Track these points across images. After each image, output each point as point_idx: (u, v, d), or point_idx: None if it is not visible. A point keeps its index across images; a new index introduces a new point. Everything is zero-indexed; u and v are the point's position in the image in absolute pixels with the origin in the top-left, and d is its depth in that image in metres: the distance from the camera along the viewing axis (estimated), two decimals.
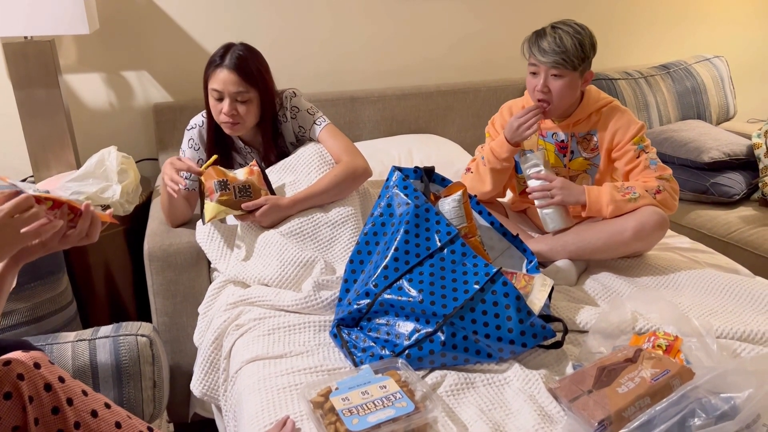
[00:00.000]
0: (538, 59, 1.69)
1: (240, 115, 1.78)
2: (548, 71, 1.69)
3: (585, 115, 1.80)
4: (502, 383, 1.31)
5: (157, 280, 1.85)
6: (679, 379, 1.17)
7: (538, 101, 1.74)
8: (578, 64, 1.68)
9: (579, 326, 1.49)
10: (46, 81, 2.11)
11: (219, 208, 1.68)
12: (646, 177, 1.74)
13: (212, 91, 1.77)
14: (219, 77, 1.75)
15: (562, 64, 1.66)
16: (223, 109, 1.77)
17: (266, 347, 1.43)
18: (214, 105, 1.79)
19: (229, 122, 1.79)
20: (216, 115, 1.81)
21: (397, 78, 2.73)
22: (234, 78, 1.74)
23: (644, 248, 1.78)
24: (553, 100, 1.72)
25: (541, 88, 1.71)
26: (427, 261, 1.44)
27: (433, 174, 1.69)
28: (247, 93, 1.76)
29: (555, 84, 1.70)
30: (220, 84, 1.75)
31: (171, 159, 1.78)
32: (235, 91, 1.75)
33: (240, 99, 1.76)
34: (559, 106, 1.74)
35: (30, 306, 1.79)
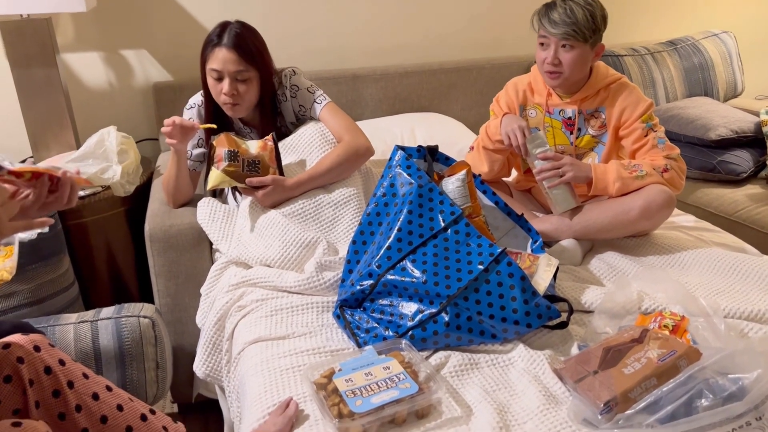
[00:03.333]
0: (549, 31, 1.66)
1: (240, 95, 1.75)
2: (558, 43, 1.66)
3: (593, 91, 1.76)
4: (507, 364, 1.30)
5: (159, 261, 1.84)
6: (686, 359, 1.15)
7: (547, 73, 1.71)
8: (589, 35, 1.65)
9: (584, 306, 1.48)
10: (43, 60, 2.08)
11: (223, 178, 1.66)
12: (653, 156, 1.71)
13: (211, 71, 1.74)
14: (218, 57, 1.72)
15: (573, 36, 1.63)
16: (223, 89, 1.74)
17: (269, 328, 1.42)
18: (214, 85, 1.76)
19: (230, 103, 1.76)
20: (216, 95, 1.78)
21: (400, 55, 2.69)
22: (233, 57, 1.71)
23: (651, 227, 1.75)
24: (564, 71, 1.69)
25: (551, 60, 1.68)
26: (430, 241, 1.42)
27: (437, 153, 1.66)
28: (246, 72, 1.73)
29: (566, 56, 1.67)
30: (219, 63, 1.72)
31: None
32: (235, 70, 1.72)
33: (240, 78, 1.73)
34: (569, 78, 1.71)
35: (31, 287, 1.79)
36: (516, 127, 1.72)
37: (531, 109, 1.86)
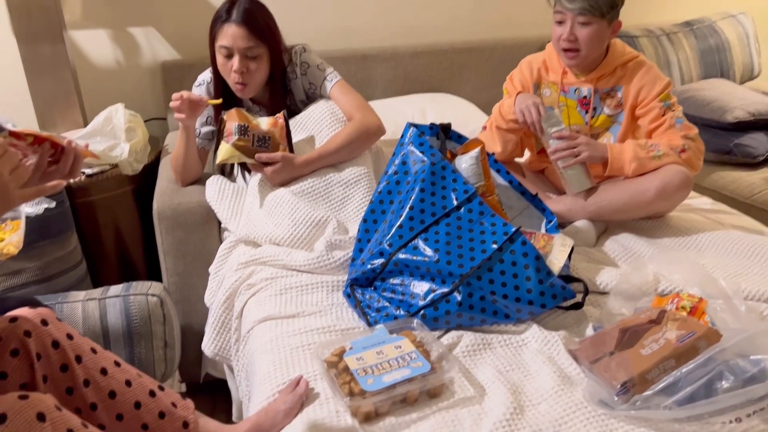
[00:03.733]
0: (565, 6, 1.62)
1: (250, 72, 1.72)
2: (575, 19, 1.62)
3: (610, 69, 1.72)
4: (520, 344, 1.28)
5: (167, 240, 1.82)
6: (705, 341, 1.12)
7: (563, 51, 1.67)
8: (606, 11, 1.60)
9: (599, 288, 1.45)
10: (51, 36, 2.05)
11: (233, 152, 1.64)
12: (670, 136, 1.67)
13: (220, 48, 1.71)
14: (227, 33, 1.69)
15: (590, 11, 1.59)
16: (233, 66, 1.71)
17: (278, 307, 1.41)
18: (223, 63, 1.73)
19: (240, 82, 1.72)
20: (226, 74, 1.75)
21: (411, 35, 2.64)
22: (243, 33, 1.68)
23: (667, 209, 1.72)
24: (580, 48, 1.65)
25: (567, 37, 1.64)
26: (443, 220, 1.39)
27: (450, 131, 1.63)
28: (256, 48, 1.70)
29: (582, 32, 1.63)
30: (229, 40, 1.68)
31: None
32: (245, 47, 1.69)
33: (250, 55, 1.70)
34: (586, 56, 1.67)
35: (40, 265, 1.77)
36: (531, 103, 1.69)
37: (545, 88, 1.82)
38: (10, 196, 0.87)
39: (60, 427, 0.82)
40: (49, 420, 0.81)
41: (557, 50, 1.72)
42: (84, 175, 1.96)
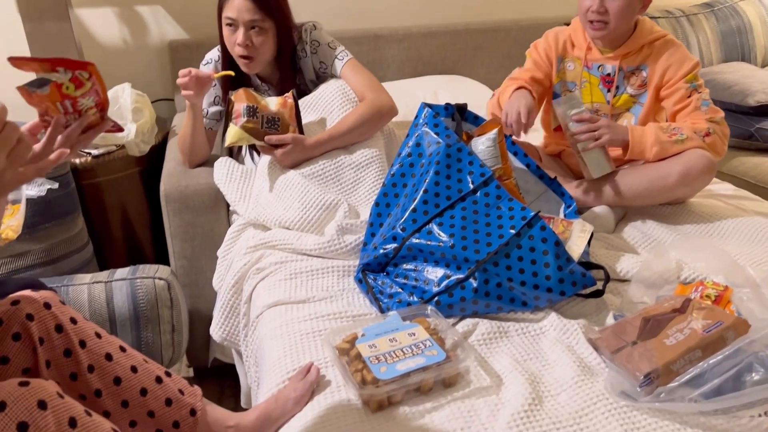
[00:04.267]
0: None
1: (255, 47, 1.67)
2: None
3: (637, 47, 1.66)
4: (538, 333, 1.23)
5: (175, 222, 1.79)
6: (733, 331, 1.08)
7: (590, 23, 1.61)
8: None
9: (619, 275, 1.40)
10: (56, 14, 2.01)
11: (242, 135, 1.59)
12: (695, 118, 1.61)
13: (226, 19, 1.66)
14: (233, 4, 1.64)
15: None
16: (237, 39, 1.66)
17: (288, 292, 1.37)
18: (228, 36, 1.68)
19: (244, 56, 1.68)
20: (231, 47, 1.70)
21: (424, 15, 2.58)
22: (249, 5, 1.63)
23: (688, 194, 1.67)
24: (609, 21, 1.59)
25: (597, 8, 1.58)
26: (458, 204, 1.35)
27: (466, 111, 1.58)
28: (263, 22, 1.65)
29: (612, 4, 1.57)
30: (235, 11, 1.64)
31: None
32: (250, 19, 1.64)
33: (255, 29, 1.65)
34: (614, 30, 1.61)
35: (46, 247, 1.75)
36: (522, 103, 1.59)
37: (569, 62, 1.76)
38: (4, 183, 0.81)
39: (62, 415, 0.79)
40: (50, 407, 0.78)
41: (583, 23, 1.66)
42: (90, 155, 1.93)
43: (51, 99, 0.92)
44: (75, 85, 0.93)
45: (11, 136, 0.80)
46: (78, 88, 0.93)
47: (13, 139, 0.81)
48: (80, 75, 0.93)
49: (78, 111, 0.95)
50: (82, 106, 0.95)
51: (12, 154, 0.81)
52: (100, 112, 0.98)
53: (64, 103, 0.94)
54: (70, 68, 0.91)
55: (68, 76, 0.91)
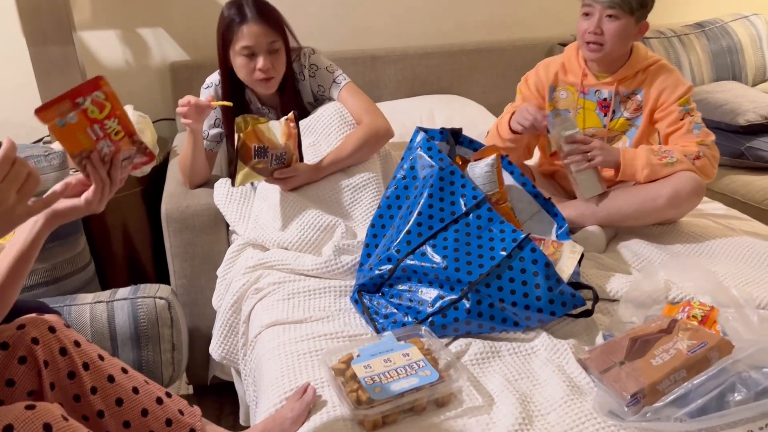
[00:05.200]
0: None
1: (275, 68, 1.71)
2: (603, 12, 1.62)
3: (632, 72, 1.71)
4: (529, 353, 1.27)
5: (175, 242, 1.82)
6: (717, 351, 1.11)
7: (587, 44, 1.66)
8: (636, 7, 1.60)
9: (609, 295, 1.44)
10: (60, 37, 2.05)
11: (252, 175, 1.61)
12: (687, 141, 1.66)
13: (242, 49, 1.68)
14: (248, 33, 1.66)
15: (620, 5, 1.59)
16: (257, 65, 1.68)
17: (286, 312, 1.40)
18: (245, 64, 1.70)
19: (265, 78, 1.71)
20: (248, 74, 1.71)
21: (420, 36, 2.63)
22: (263, 29, 1.67)
23: (678, 215, 1.71)
24: (605, 42, 1.63)
25: (594, 29, 1.63)
26: (451, 226, 1.38)
27: (461, 136, 1.62)
28: (276, 42, 1.70)
29: (609, 26, 1.62)
30: (251, 39, 1.66)
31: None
32: (267, 42, 1.67)
33: (272, 49, 1.69)
34: (610, 52, 1.66)
35: (48, 267, 1.78)
36: (523, 109, 1.67)
37: (561, 90, 1.80)
38: (14, 218, 0.84)
39: None
40: (55, 430, 0.81)
41: (581, 44, 1.70)
42: None
43: (81, 127, 0.93)
44: (98, 108, 0.94)
45: (21, 172, 0.84)
46: (101, 111, 0.94)
47: (22, 175, 0.84)
48: (98, 97, 0.94)
49: (107, 135, 0.96)
50: (109, 129, 0.96)
51: (22, 190, 0.84)
52: (129, 135, 0.99)
53: (94, 128, 0.94)
54: (87, 93, 0.93)
55: (90, 100, 0.93)
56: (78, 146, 0.95)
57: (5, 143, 0.84)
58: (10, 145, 0.83)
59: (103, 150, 0.96)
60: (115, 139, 0.97)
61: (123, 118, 0.97)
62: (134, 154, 1.02)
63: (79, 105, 0.92)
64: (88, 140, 0.94)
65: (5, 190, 0.82)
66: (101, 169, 0.96)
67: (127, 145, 0.99)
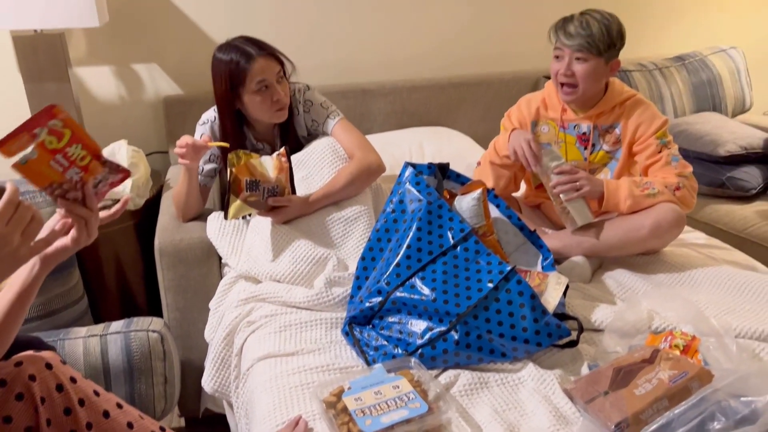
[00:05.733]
0: (563, 42, 1.68)
1: (286, 94, 1.78)
2: (572, 55, 1.68)
3: (609, 107, 1.77)
4: (517, 383, 1.29)
5: (168, 275, 1.85)
6: (698, 381, 1.15)
7: (561, 85, 1.72)
8: (603, 49, 1.66)
9: (594, 325, 1.47)
10: (56, 74, 2.10)
11: (244, 208, 1.65)
12: (666, 173, 1.71)
13: (257, 84, 1.72)
14: (258, 68, 1.71)
15: (587, 48, 1.65)
16: (273, 96, 1.74)
17: (278, 344, 1.42)
18: (263, 99, 1.74)
19: (281, 108, 1.77)
20: (268, 108, 1.76)
21: (409, 70, 2.70)
22: (271, 62, 1.74)
23: (660, 246, 1.75)
24: (576, 83, 1.70)
25: (564, 71, 1.69)
26: (440, 259, 1.42)
27: (448, 170, 1.66)
28: (281, 70, 1.77)
29: (579, 68, 1.68)
30: (263, 73, 1.72)
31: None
32: (278, 72, 1.75)
33: (279, 78, 1.76)
34: (583, 92, 1.72)
35: (42, 301, 1.79)
36: (522, 140, 1.73)
37: (543, 124, 1.86)
38: (18, 259, 0.87)
39: None
40: None
41: (555, 85, 1.77)
42: None
43: (43, 161, 0.91)
44: (56, 138, 0.91)
45: (25, 215, 0.87)
46: (60, 139, 0.91)
47: (26, 218, 0.87)
48: (55, 125, 0.91)
49: (73, 162, 0.94)
50: (74, 156, 0.94)
51: (25, 232, 0.87)
52: (96, 158, 0.97)
53: (57, 159, 0.92)
54: (43, 124, 0.90)
55: (46, 131, 0.90)
56: (46, 180, 0.93)
57: (9, 188, 0.88)
58: (13, 190, 0.86)
59: (73, 179, 0.95)
60: (82, 164, 0.95)
61: (86, 141, 0.94)
62: (106, 174, 1.00)
63: (36, 136, 0.89)
64: (55, 173, 0.93)
65: (9, 232, 0.85)
66: (75, 206, 0.97)
67: (97, 167, 0.97)
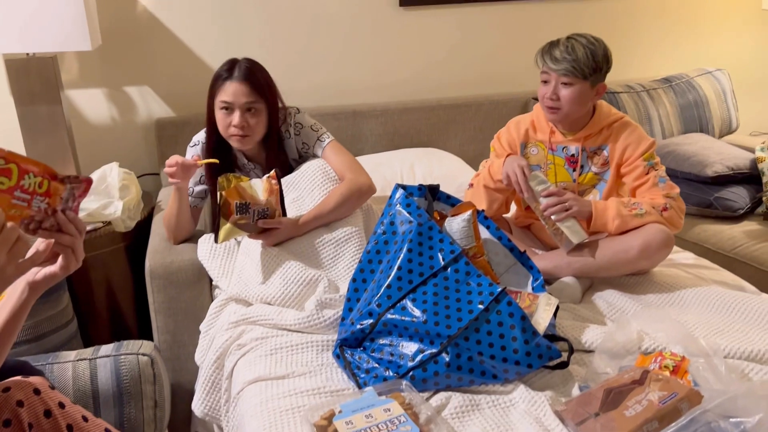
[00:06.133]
0: (549, 67, 1.70)
1: (250, 127, 1.78)
2: (558, 79, 1.70)
3: (596, 129, 1.80)
4: (508, 405, 1.29)
5: (159, 298, 1.84)
6: (687, 402, 1.15)
7: (547, 108, 1.75)
8: (589, 73, 1.68)
9: (585, 346, 1.47)
10: (48, 97, 2.10)
11: (234, 231, 1.66)
12: (653, 194, 1.73)
13: (220, 103, 1.76)
14: (228, 89, 1.75)
15: (572, 72, 1.67)
16: (232, 121, 1.76)
17: (268, 368, 1.42)
18: (223, 118, 1.78)
19: (239, 135, 1.77)
20: (224, 129, 1.79)
21: (400, 92, 2.72)
22: (244, 89, 1.74)
23: (649, 266, 1.76)
24: (562, 107, 1.72)
25: (550, 95, 1.72)
26: (430, 280, 1.42)
27: (438, 192, 1.67)
28: (257, 103, 1.77)
29: (564, 92, 1.70)
30: (230, 96, 1.74)
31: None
32: (246, 102, 1.75)
33: (250, 110, 1.76)
34: (569, 115, 1.74)
35: (31, 324, 1.78)
36: (516, 165, 1.74)
37: (532, 146, 1.88)
38: (5, 278, 0.87)
39: None
40: None
41: (542, 107, 1.79)
42: None
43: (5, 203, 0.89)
44: (6, 176, 0.89)
45: (11, 236, 0.87)
46: (10, 177, 0.90)
47: (12, 238, 0.87)
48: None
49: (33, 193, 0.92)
50: (30, 186, 0.92)
51: (12, 251, 0.87)
52: (53, 179, 0.94)
53: (16, 196, 0.91)
54: None
55: None
56: (16, 219, 0.92)
57: None
58: None
59: (41, 207, 0.94)
60: (42, 191, 0.93)
61: (34, 167, 0.92)
62: (70, 190, 0.97)
63: None
64: (21, 209, 0.92)
65: None
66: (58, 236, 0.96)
67: (58, 188, 0.95)
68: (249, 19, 2.48)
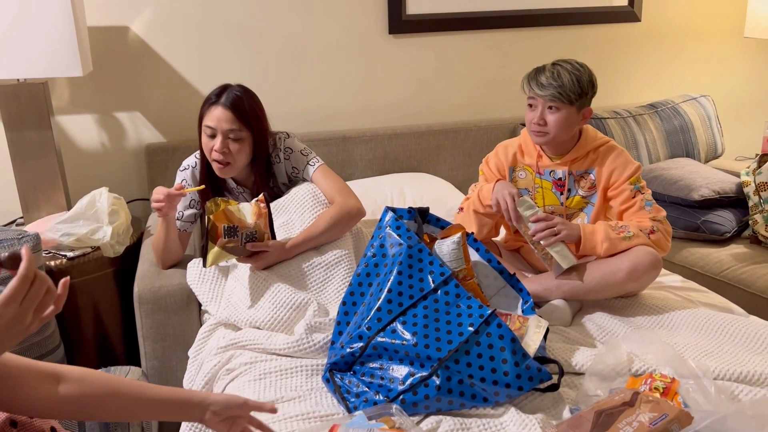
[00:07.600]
0: (536, 92, 1.72)
1: (231, 153, 1.78)
2: (545, 104, 1.72)
3: (583, 153, 1.82)
4: (499, 428, 1.28)
5: (147, 323, 1.82)
6: (677, 423, 1.15)
7: (534, 133, 1.77)
8: (575, 98, 1.70)
9: (575, 368, 1.47)
10: (38, 123, 2.11)
11: (222, 254, 1.66)
12: (640, 217, 1.75)
13: (205, 127, 1.78)
14: (213, 114, 1.76)
15: (558, 98, 1.69)
16: (214, 146, 1.77)
17: (258, 393, 1.40)
18: (207, 142, 1.80)
19: (220, 160, 1.78)
20: (207, 152, 1.81)
21: (389, 118, 2.75)
22: (228, 116, 1.76)
23: (638, 288, 1.77)
24: (549, 131, 1.74)
25: (537, 121, 1.74)
26: (420, 303, 1.42)
27: (428, 214, 1.68)
28: (240, 132, 1.77)
29: (551, 117, 1.73)
30: (214, 121, 1.76)
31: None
32: (228, 129, 1.76)
33: (232, 137, 1.77)
34: (555, 139, 1.76)
35: (17, 350, 1.74)
36: (506, 192, 1.75)
37: (520, 170, 1.90)
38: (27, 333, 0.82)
39: None
40: None
41: (529, 131, 1.81)
42: (65, 258, 1.98)
43: None
44: None
45: (39, 291, 0.81)
46: None
47: (40, 294, 0.81)
48: None
49: None
50: None
51: (39, 308, 0.82)
52: None
53: None
54: None
55: None
56: None
57: (24, 260, 0.79)
58: (28, 264, 0.79)
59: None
60: None
61: None
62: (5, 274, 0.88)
63: None
64: None
65: (24, 311, 0.80)
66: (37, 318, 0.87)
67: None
68: (239, 45, 2.50)
